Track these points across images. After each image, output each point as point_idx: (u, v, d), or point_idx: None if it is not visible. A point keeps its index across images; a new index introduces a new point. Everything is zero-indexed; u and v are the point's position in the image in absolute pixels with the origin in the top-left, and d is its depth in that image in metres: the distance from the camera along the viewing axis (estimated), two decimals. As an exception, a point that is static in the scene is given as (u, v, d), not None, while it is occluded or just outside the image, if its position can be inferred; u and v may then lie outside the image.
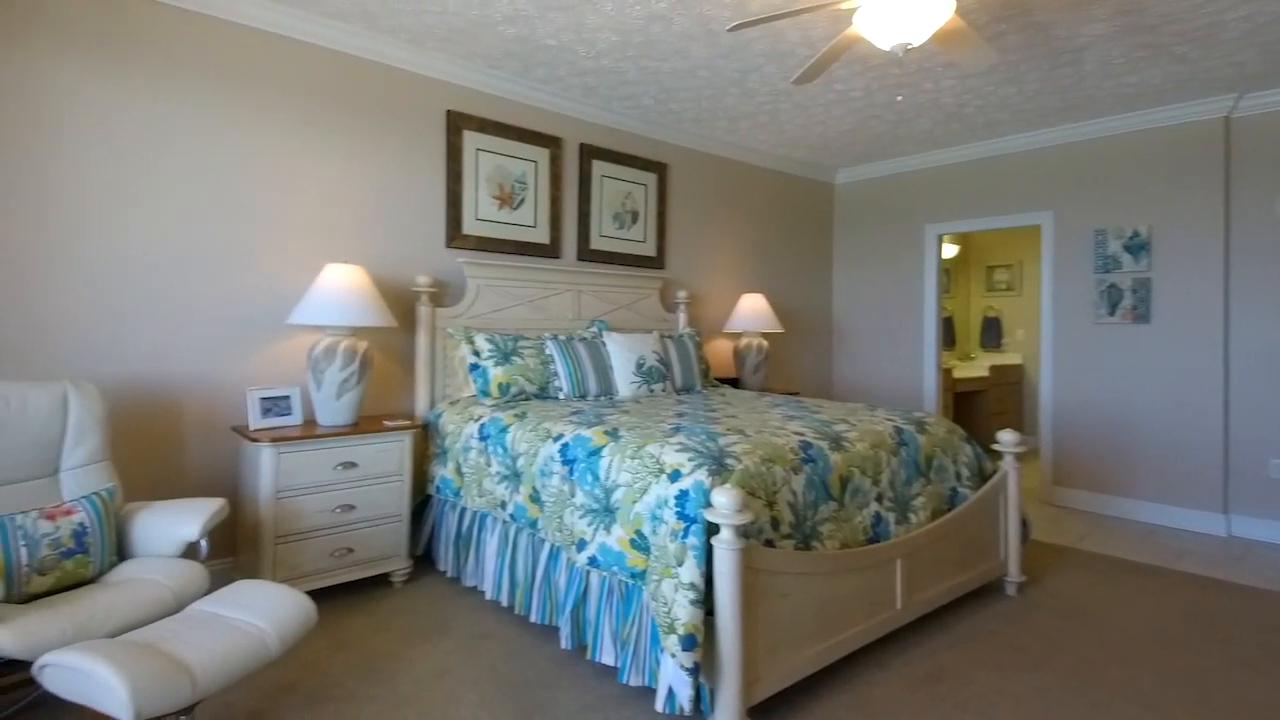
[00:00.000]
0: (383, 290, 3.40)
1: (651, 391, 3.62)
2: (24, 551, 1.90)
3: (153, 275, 2.78)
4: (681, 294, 4.55)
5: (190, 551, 2.18)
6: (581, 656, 2.36)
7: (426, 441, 3.27)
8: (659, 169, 4.57)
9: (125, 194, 2.72)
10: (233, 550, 2.94)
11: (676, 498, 2.00)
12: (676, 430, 2.44)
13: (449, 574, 3.05)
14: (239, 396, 2.98)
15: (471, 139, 3.68)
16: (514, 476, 2.65)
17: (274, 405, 2.89)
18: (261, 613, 1.80)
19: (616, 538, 2.13)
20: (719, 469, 2.04)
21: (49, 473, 2.17)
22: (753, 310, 4.73)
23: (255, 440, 2.65)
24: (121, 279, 2.71)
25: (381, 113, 3.39)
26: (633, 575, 2.08)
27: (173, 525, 2.17)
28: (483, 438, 2.88)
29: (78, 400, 2.23)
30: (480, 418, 2.98)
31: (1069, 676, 2.27)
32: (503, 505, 2.68)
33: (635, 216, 4.47)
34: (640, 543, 2.07)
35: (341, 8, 3.01)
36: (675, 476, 2.05)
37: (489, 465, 2.80)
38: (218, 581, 2.76)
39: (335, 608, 2.75)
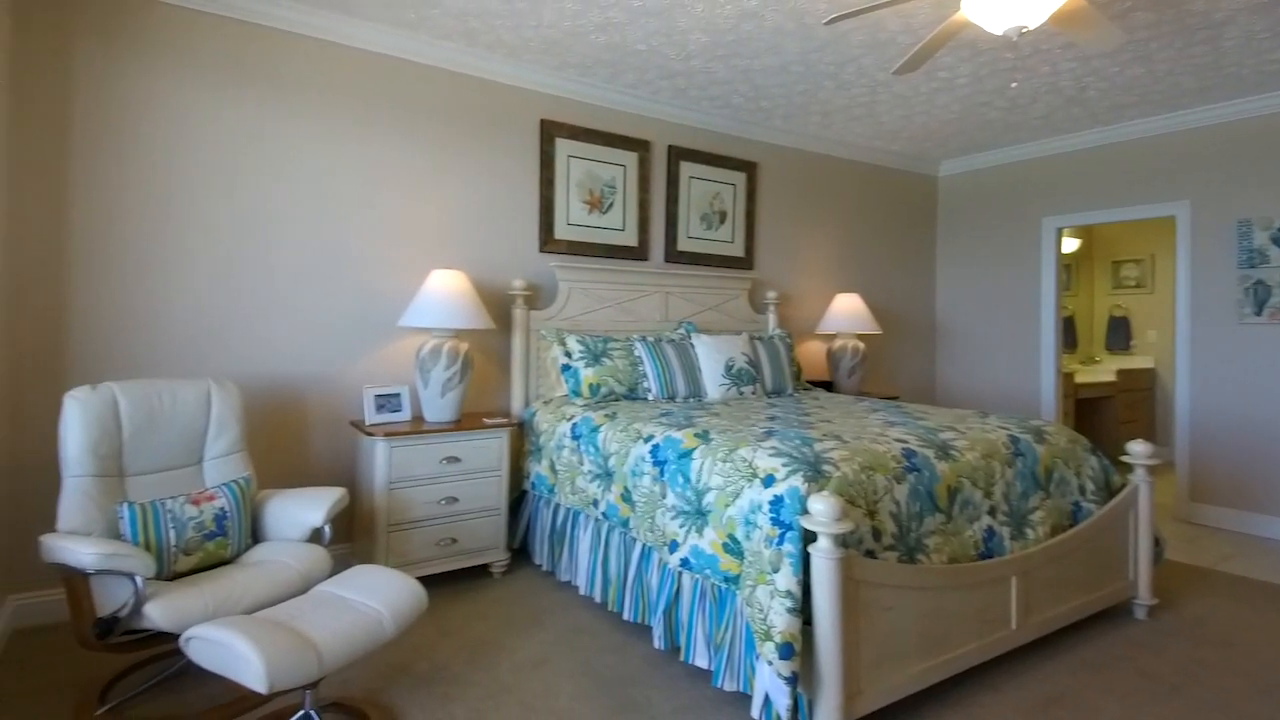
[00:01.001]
0: (481, 294, 3.55)
1: (741, 394, 3.58)
2: (173, 534, 2.12)
3: (282, 284, 3.03)
4: (771, 294, 4.48)
5: (315, 536, 2.36)
6: (674, 657, 2.37)
7: (522, 439, 3.39)
8: (748, 168, 4.51)
9: (255, 211, 2.98)
10: (350, 536, 3.16)
11: (771, 503, 1.97)
12: (769, 434, 2.40)
13: (544, 568, 3.15)
14: (356, 393, 3.19)
15: (563, 146, 3.77)
16: (605, 476, 2.69)
17: (386, 402, 3.08)
18: (379, 596, 1.93)
19: (709, 541, 2.13)
20: (815, 475, 1.99)
21: (194, 461, 2.41)
22: (848, 310, 4.58)
23: (370, 434, 2.83)
24: (255, 288, 2.97)
25: (480, 125, 3.54)
26: (726, 579, 2.07)
27: (300, 512, 2.36)
28: (575, 437, 2.95)
29: (219, 396, 2.46)
30: (572, 417, 3.05)
31: (1206, 710, 2.06)
32: (595, 503, 2.73)
33: (723, 217, 4.44)
34: (733, 547, 2.05)
35: (447, 27, 3.17)
36: (769, 482, 2.02)
37: (581, 464, 2.86)
38: (337, 565, 2.98)
39: (440, 595, 2.89)
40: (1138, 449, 2.74)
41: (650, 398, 3.39)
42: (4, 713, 1.96)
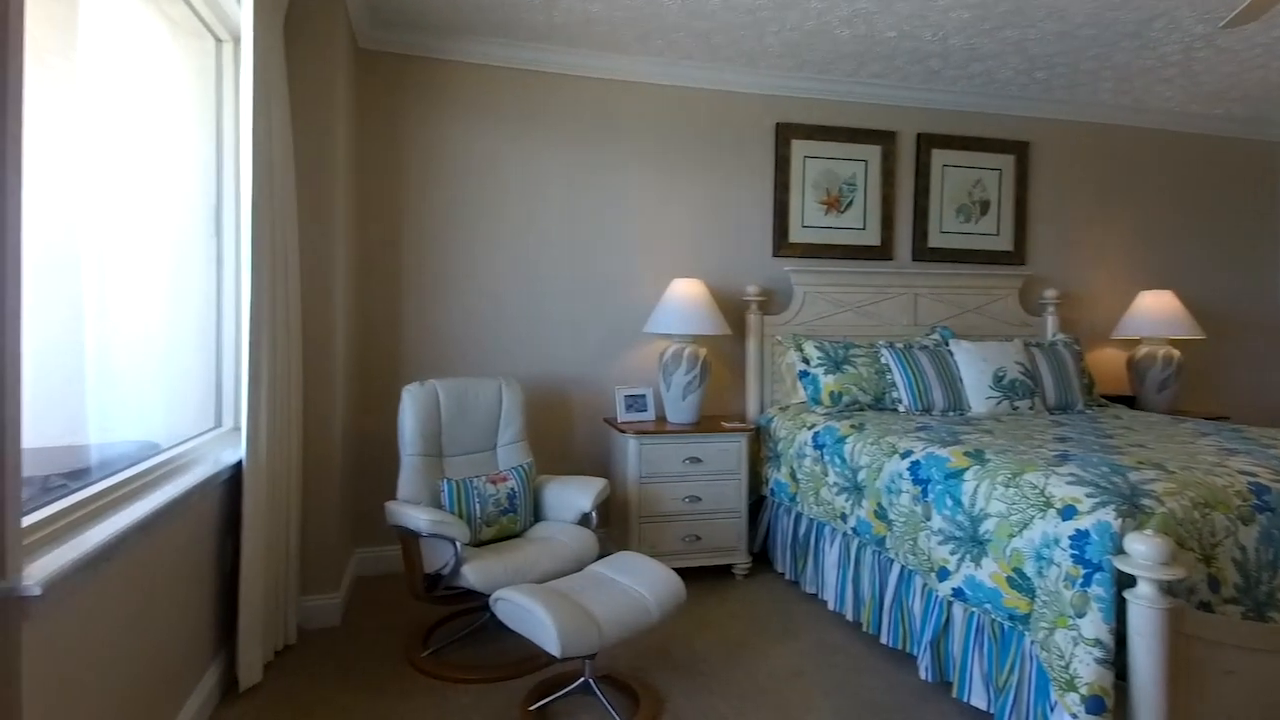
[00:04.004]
0: (717, 300, 3.62)
1: (1015, 409, 3.18)
2: (478, 507, 2.49)
3: (549, 296, 3.42)
4: (1049, 293, 3.91)
5: (583, 520, 2.62)
6: (944, 691, 2.19)
7: (759, 444, 3.39)
8: (1017, 149, 4.00)
9: (524, 233, 3.40)
10: (605, 523, 3.45)
11: (1072, 539, 1.72)
12: (1064, 458, 2.09)
13: (787, 576, 3.11)
14: (609, 393, 3.47)
15: (799, 147, 3.70)
16: (855, 490, 2.58)
17: (634, 402, 3.31)
18: (645, 583, 2.07)
19: (989, 573, 1.92)
20: (1131, 510, 1.69)
21: (489, 447, 2.82)
22: (1156, 310, 3.81)
23: (623, 432, 3.06)
24: (529, 300, 3.39)
25: (715, 135, 3.62)
26: (1011, 617, 1.86)
27: (571, 497, 2.64)
28: (817, 446, 2.87)
29: (507, 392, 2.85)
30: (814, 426, 2.97)
31: None
32: (843, 517, 2.63)
33: (985, 207, 3.99)
34: (1021, 583, 1.83)
35: (688, 47, 3.30)
36: (1069, 514, 1.76)
37: (825, 475, 2.78)
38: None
39: (688, 589, 3.00)
40: None
41: (901, 409, 3.16)
42: (355, 643, 2.47)
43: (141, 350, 1.89)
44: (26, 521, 1.21)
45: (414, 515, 2.24)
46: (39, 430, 1.20)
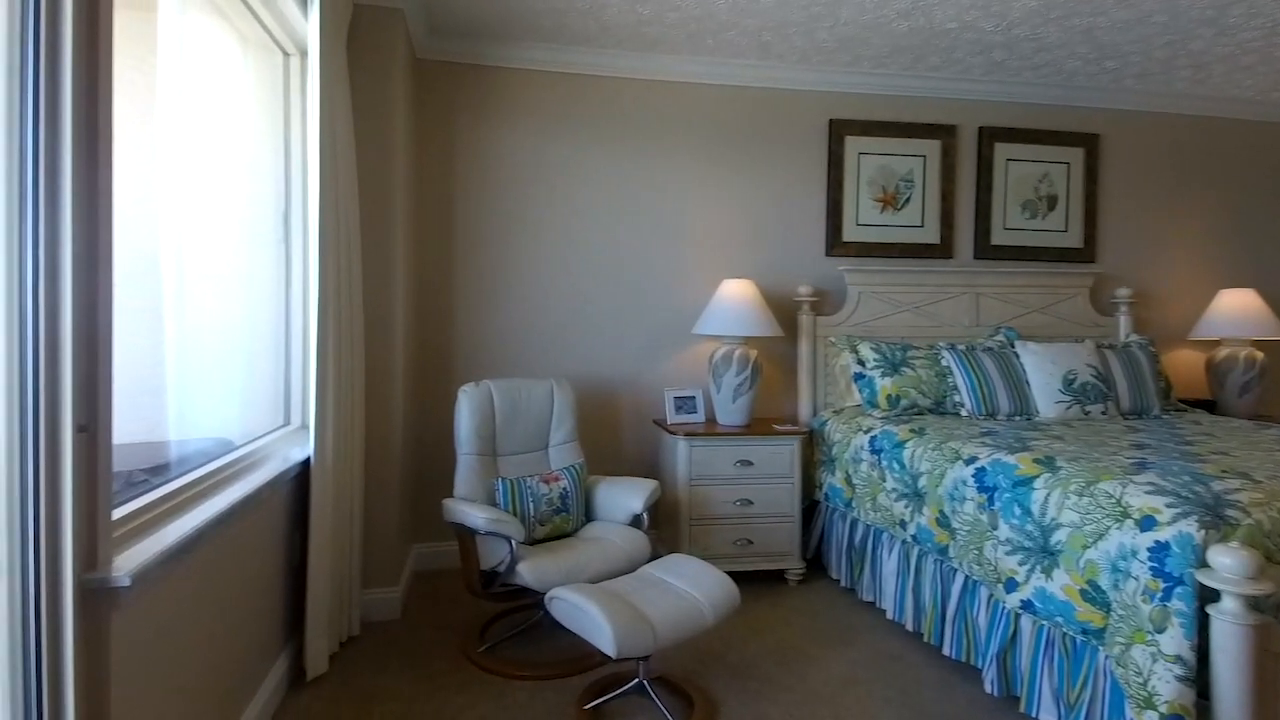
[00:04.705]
0: (768, 301, 3.58)
1: (1086, 414, 3.03)
2: (531, 506, 2.52)
3: (598, 297, 3.44)
4: (1122, 292, 3.73)
5: (634, 521, 2.62)
6: (1010, 705, 2.10)
7: (812, 448, 3.33)
8: (1086, 141, 3.82)
9: (575, 234, 3.42)
10: (655, 524, 3.44)
11: (1151, 550, 1.63)
12: (1141, 466, 1.99)
13: (842, 583, 3.05)
14: (657, 394, 3.47)
15: (853, 144, 3.62)
16: (915, 496, 2.51)
17: (684, 403, 3.29)
18: (699, 586, 2.06)
19: (1060, 585, 1.84)
20: (1215, 521, 1.60)
21: (542, 447, 2.85)
22: (1237, 310, 3.58)
23: (672, 433, 3.05)
24: (578, 301, 3.42)
25: (766, 134, 3.58)
26: (1084, 631, 1.78)
27: (623, 498, 2.65)
28: (874, 450, 2.80)
29: (559, 392, 2.88)
30: (870, 430, 2.90)
31: None
32: (902, 524, 2.56)
33: (1053, 202, 3.82)
34: (1095, 596, 1.75)
35: (740, 45, 3.27)
36: (1148, 524, 1.67)
37: (883, 480, 2.71)
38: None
39: (740, 594, 2.98)
40: None
41: (964, 413, 3.06)
42: (414, 636, 2.54)
43: (217, 351, 1.99)
44: (115, 515, 1.28)
45: (471, 513, 2.28)
46: (123, 427, 1.26)
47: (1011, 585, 2.00)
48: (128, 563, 1.21)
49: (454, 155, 3.30)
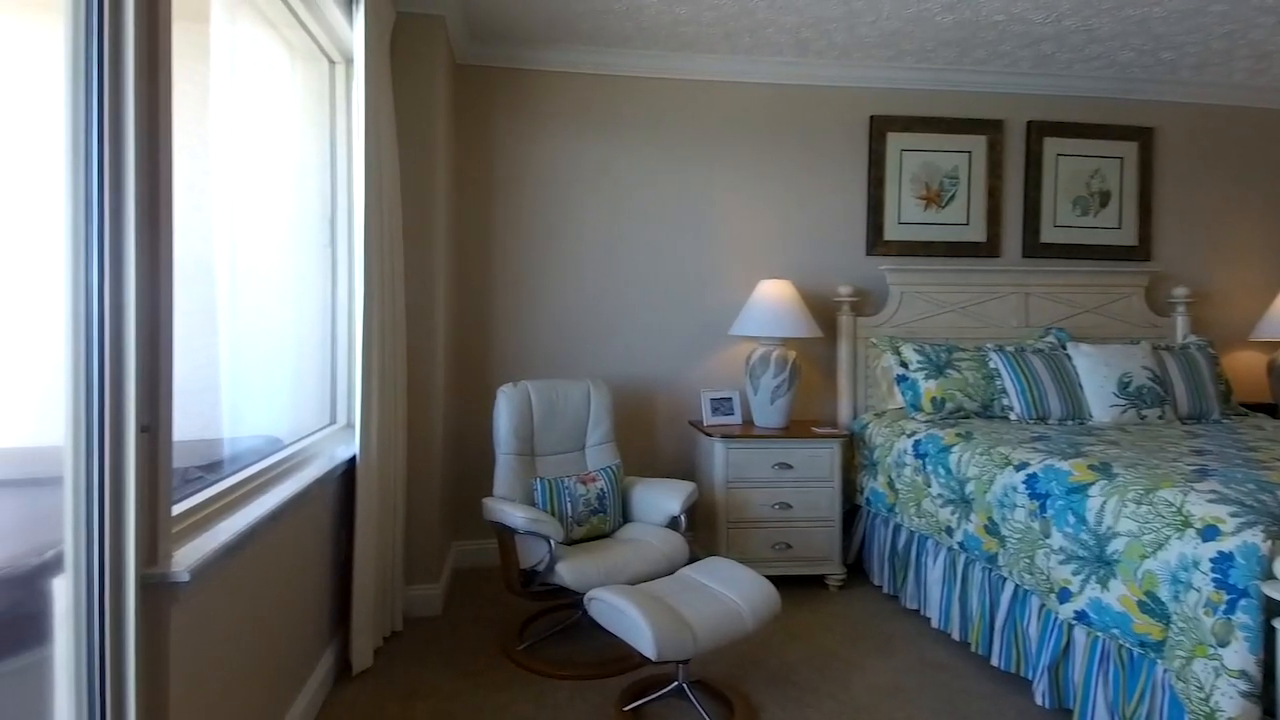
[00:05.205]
0: (806, 301, 3.53)
1: (1142, 418, 2.91)
2: (569, 506, 2.54)
3: (634, 298, 3.44)
4: (1179, 291, 3.57)
5: (672, 523, 2.61)
6: (1063, 718, 2.03)
7: (852, 451, 3.27)
8: (1141, 135, 3.68)
9: (610, 235, 3.43)
10: (691, 526, 3.42)
11: (1214, 561, 1.56)
12: (1203, 473, 1.90)
13: (885, 590, 2.99)
14: (693, 395, 3.45)
15: (895, 140, 3.55)
16: (961, 502, 2.44)
17: (720, 405, 3.27)
18: (739, 591, 2.04)
19: (1117, 596, 1.77)
20: (1283, 531, 1.52)
21: (579, 447, 2.86)
22: (1301, 309, 3.42)
23: (709, 435, 3.03)
24: (614, 303, 3.43)
25: (804, 132, 3.53)
26: (1142, 644, 1.71)
27: (660, 499, 2.64)
28: (919, 455, 2.74)
29: (595, 393, 2.89)
30: (914, 433, 2.83)
31: None
32: (948, 531, 2.50)
33: (1105, 198, 3.69)
34: (1154, 608, 1.68)
35: (778, 43, 3.23)
36: (1211, 534, 1.60)
37: (928, 485, 2.64)
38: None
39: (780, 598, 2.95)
40: None
41: (1013, 417, 2.97)
42: (455, 633, 2.57)
43: (266, 351, 2.04)
44: (173, 512, 1.33)
45: (511, 513, 2.30)
46: (179, 424, 1.30)
47: (1065, 595, 1.93)
48: (186, 559, 1.24)
49: (492, 158, 3.34)
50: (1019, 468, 2.23)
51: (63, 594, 1.11)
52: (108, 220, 1.11)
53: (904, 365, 3.15)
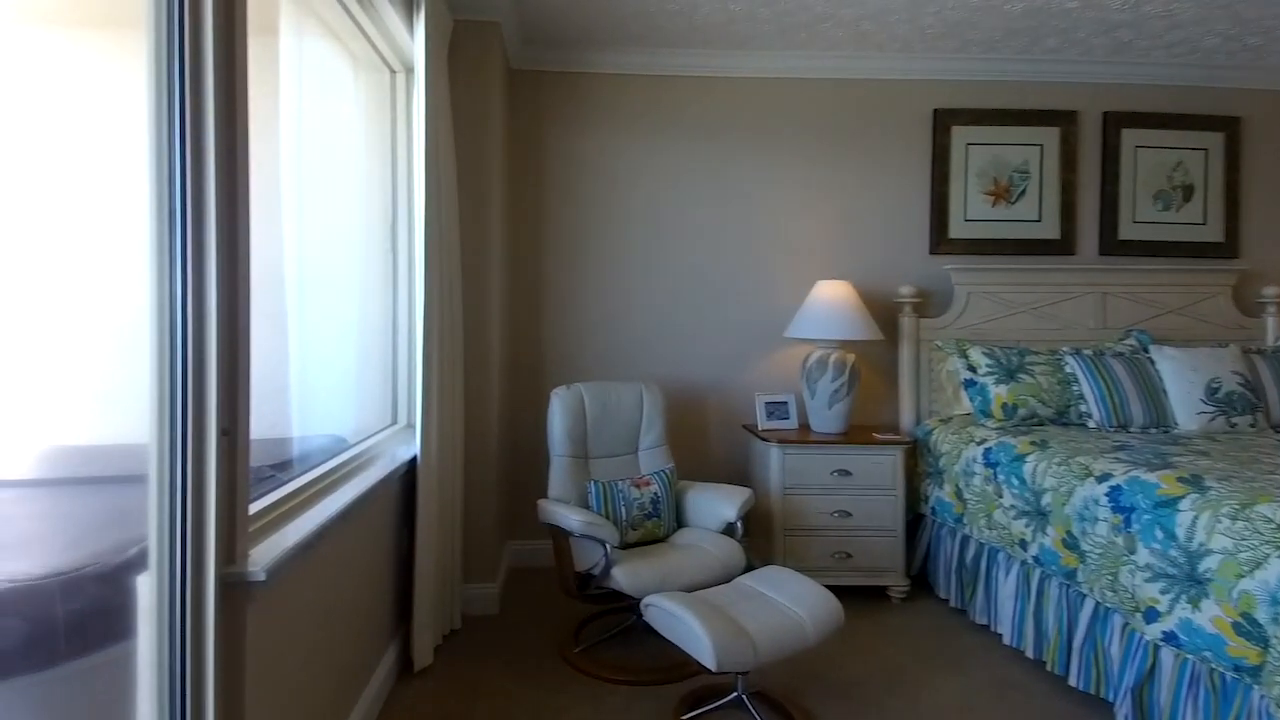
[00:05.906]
0: (866, 302, 3.43)
1: (1232, 425, 2.72)
2: (623, 510, 2.52)
3: (686, 300, 3.40)
4: (1270, 291, 3.33)
5: (727, 530, 2.56)
6: (1146, 747, 1.91)
7: (915, 458, 3.16)
8: (1226, 125, 3.45)
9: (662, 236, 3.40)
10: (746, 533, 3.37)
11: (1330, 586, 1.43)
12: (1310, 487, 1.75)
13: (952, 604, 2.88)
14: (747, 398, 3.39)
15: (960, 134, 3.41)
16: (1037, 514, 2.32)
17: (775, 409, 3.20)
18: (800, 601, 1.98)
19: (1210, 617, 1.65)
20: None
21: (632, 450, 2.85)
22: None
23: (765, 440, 2.97)
24: (666, 304, 3.40)
25: (864, 128, 3.43)
26: (1236, 668, 1.59)
27: (715, 505, 2.60)
28: (989, 464, 2.62)
29: (648, 396, 2.87)
30: (984, 441, 2.72)
31: None
32: (1022, 544, 2.38)
33: (1189, 192, 3.47)
34: (1250, 630, 1.56)
35: (835, 37, 3.15)
36: (1325, 555, 1.47)
37: (999, 496, 2.53)
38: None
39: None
40: None
41: (1091, 424, 2.81)
42: (512, 632, 2.59)
43: (332, 353, 2.09)
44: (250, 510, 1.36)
45: (567, 515, 2.30)
46: (253, 425, 1.33)
47: (1152, 615, 1.81)
48: (262, 558, 1.28)
49: (545, 161, 3.36)
50: (1101, 479, 2.10)
51: (146, 591, 1.15)
52: (190, 230, 1.14)
53: (972, 369, 3.02)
